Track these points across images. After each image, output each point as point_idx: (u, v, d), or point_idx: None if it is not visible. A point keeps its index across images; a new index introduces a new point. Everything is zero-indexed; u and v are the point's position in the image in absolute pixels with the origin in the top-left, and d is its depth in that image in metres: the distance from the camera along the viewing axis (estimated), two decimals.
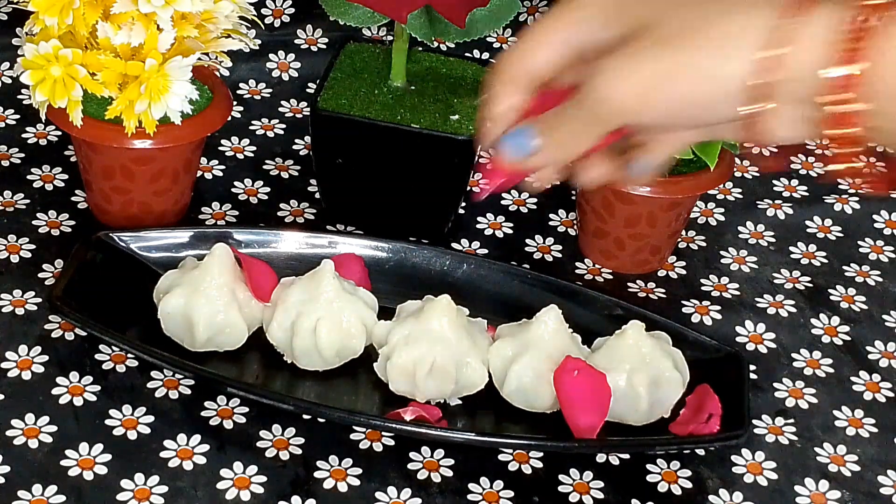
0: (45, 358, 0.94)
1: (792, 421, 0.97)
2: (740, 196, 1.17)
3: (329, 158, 1.06)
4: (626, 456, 0.93)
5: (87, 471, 0.87)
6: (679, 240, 1.11)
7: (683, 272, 1.09)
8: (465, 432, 0.92)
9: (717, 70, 0.65)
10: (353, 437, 0.92)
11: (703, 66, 0.65)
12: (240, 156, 1.15)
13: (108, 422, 0.90)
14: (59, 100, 0.94)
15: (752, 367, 1.00)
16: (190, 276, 0.94)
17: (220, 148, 1.15)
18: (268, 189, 1.11)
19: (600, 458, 0.92)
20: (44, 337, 0.95)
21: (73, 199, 1.07)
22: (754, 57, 0.64)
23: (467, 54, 1.15)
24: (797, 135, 0.67)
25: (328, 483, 0.88)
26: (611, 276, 1.07)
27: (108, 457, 0.88)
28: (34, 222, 1.05)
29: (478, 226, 1.11)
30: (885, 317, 1.07)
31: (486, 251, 1.08)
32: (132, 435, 0.90)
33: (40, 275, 1.00)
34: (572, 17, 0.71)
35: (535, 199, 1.14)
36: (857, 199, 1.18)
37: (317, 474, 0.89)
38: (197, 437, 0.90)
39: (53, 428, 0.89)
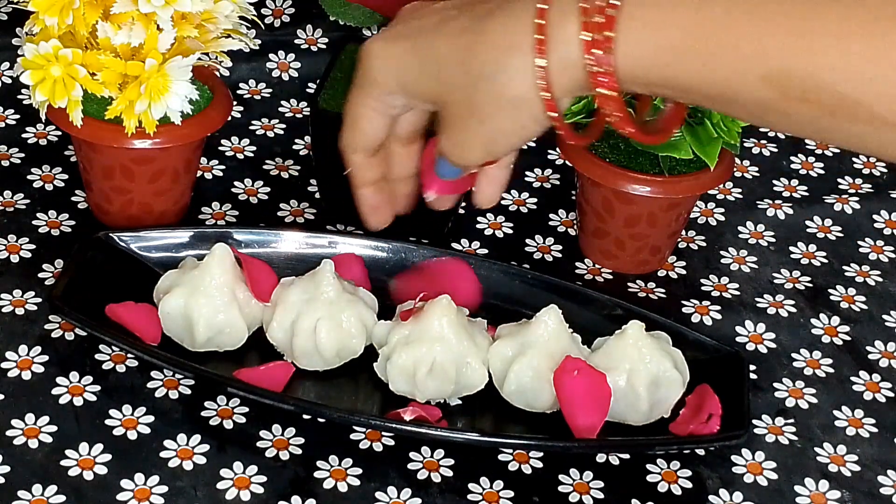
0: (45, 358, 0.94)
1: (792, 421, 0.97)
2: (740, 196, 1.17)
3: (329, 158, 1.06)
4: (626, 456, 0.93)
5: (87, 471, 0.87)
6: (679, 240, 1.11)
7: (683, 272, 1.09)
8: (465, 432, 0.92)
9: (518, 116, 0.77)
10: (353, 437, 0.92)
11: (508, 120, 0.77)
12: (240, 156, 1.15)
13: (108, 422, 0.90)
14: (59, 100, 0.94)
15: (752, 367, 1.00)
16: (190, 276, 0.94)
17: (220, 148, 1.15)
18: (268, 189, 1.11)
19: (600, 458, 0.92)
20: (44, 337, 0.95)
21: (73, 199, 1.07)
22: (537, 99, 0.75)
23: None
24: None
25: (328, 483, 0.88)
26: (611, 276, 1.07)
27: (108, 457, 0.88)
28: (34, 222, 1.05)
29: (478, 226, 1.11)
30: (885, 317, 1.07)
31: (486, 251, 1.08)
32: (132, 435, 0.90)
33: (40, 275, 1.00)
34: (376, 95, 0.83)
35: (535, 199, 1.14)
36: (857, 199, 1.18)
37: (317, 474, 0.89)
38: (197, 437, 0.90)
39: (53, 428, 0.89)
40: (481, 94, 0.77)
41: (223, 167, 1.13)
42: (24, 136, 1.13)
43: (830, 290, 1.09)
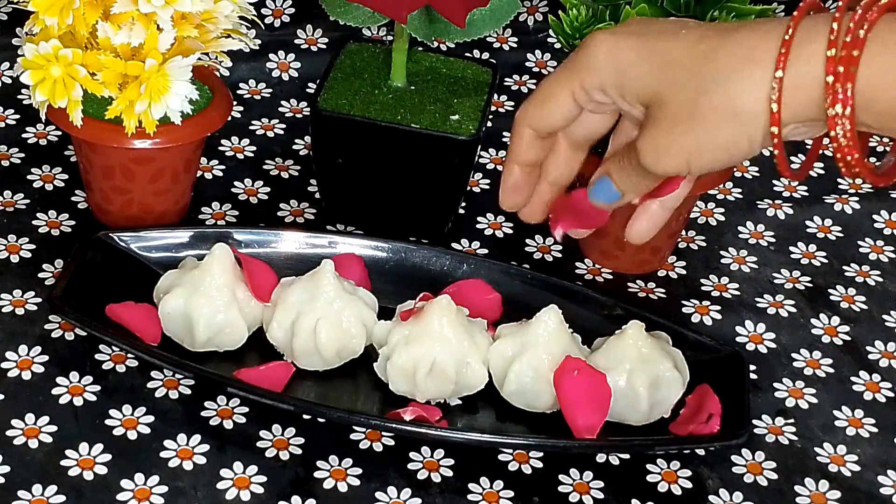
0: (45, 358, 0.94)
1: (792, 421, 0.97)
2: (740, 196, 1.18)
3: (329, 158, 1.06)
4: (626, 456, 0.93)
5: (87, 471, 0.87)
6: (679, 240, 1.11)
7: (683, 272, 1.09)
8: (465, 432, 0.92)
9: (737, 131, 0.74)
10: (353, 437, 0.92)
11: (725, 132, 0.74)
12: (240, 156, 1.15)
13: (108, 422, 0.90)
14: (59, 100, 0.94)
15: (752, 367, 1.00)
16: (190, 276, 0.94)
17: (220, 148, 1.15)
18: (268, 189, 1.11)
19: (600, 458, 0.92)
20: (44, 337, 0.95)
21: (73, 199, 1.07)
22: (764, 114, 0.73)
23: (467, 54, 1.15)
24: (807, 137, 0.78)
25: (328, 483, 0.88)
26: (611, 276, 1.07)
27: (108, 457, 0.88)
28: (34, 222, 1.05)
29: (478, 226, 1.11)
30: (885, 317, 1.07)
31: (486, 251, 1.08)
32: (132, 435, 0.90)
33: (40, 275, 1.00)
34: (583, 80, 0.80)
35: None
36: (857, 199, 1.18)
37: (317, 474, 0.89)
38: (197, 437, 0.90)
39: (53, 428, 0.89)
40: (707, 101, 0.74)
41: (223, 167, 1.13)
42: (24, 136, 1.13)
43: (830, 290, 1.09)
